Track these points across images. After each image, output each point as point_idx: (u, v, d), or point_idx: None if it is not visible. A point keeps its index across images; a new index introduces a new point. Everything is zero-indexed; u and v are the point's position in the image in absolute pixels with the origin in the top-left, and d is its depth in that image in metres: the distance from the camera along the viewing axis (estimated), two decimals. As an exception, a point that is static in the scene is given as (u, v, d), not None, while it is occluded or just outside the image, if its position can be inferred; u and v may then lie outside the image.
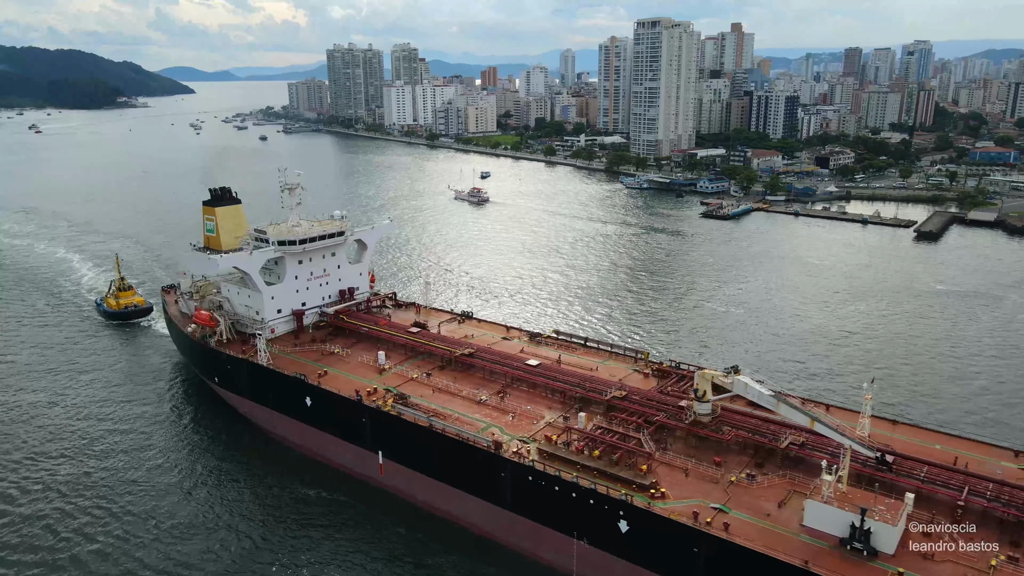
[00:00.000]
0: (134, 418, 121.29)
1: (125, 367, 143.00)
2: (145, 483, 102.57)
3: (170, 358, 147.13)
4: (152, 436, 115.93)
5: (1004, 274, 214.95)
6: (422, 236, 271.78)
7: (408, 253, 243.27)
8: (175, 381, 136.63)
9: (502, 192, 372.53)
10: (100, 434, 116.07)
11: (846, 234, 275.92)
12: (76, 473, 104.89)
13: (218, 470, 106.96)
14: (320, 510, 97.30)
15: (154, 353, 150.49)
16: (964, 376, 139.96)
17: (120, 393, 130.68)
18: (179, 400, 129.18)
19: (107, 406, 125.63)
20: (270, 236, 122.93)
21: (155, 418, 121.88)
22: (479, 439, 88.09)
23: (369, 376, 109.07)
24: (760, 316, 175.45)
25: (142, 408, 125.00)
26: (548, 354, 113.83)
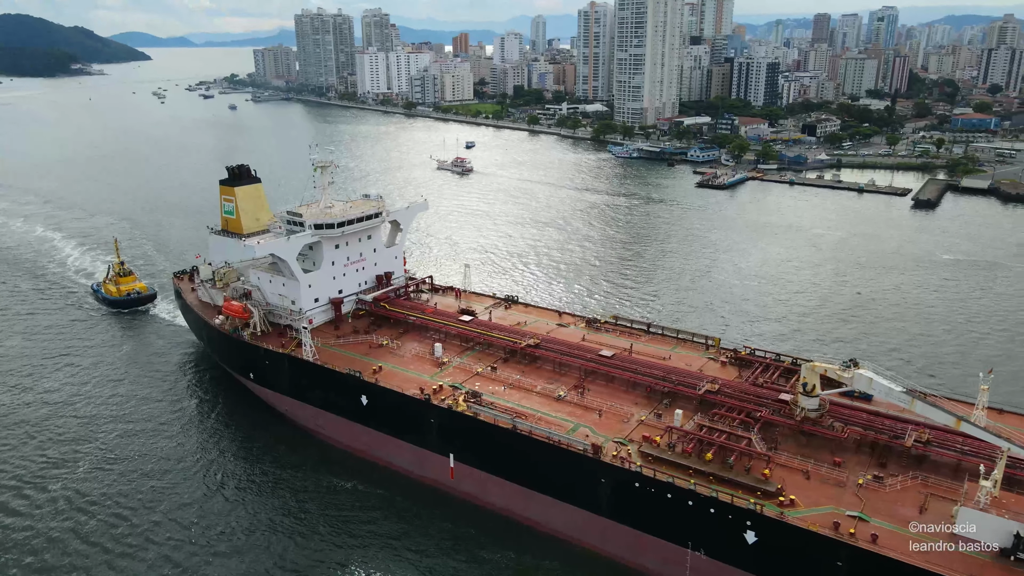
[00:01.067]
0: (157, 417, 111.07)
1: (137, 360, 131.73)
2: (187, 495, 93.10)
3: (186, 349, 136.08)
4: (181, 438, 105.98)
5: (1007, 243, 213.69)
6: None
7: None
8: (197, 375, 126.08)
9: (487, 162, 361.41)
10: (123, 435, 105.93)
11: (844, 203, 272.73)
12: (105, 481, 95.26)
13: (261, 474, 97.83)
14: (380, 514, 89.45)
15: (167, 344, 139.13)
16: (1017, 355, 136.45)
17: (137, 389, 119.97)
18: (205, 397, 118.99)
19: (125, 404, 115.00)
20: (306, 219, 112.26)
21: (181, 417, 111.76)
22: (573, 442, 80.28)
23: (428, 371, 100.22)
24: (776, 290, 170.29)
25: (165, 406, 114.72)
26: (614, 342, 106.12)
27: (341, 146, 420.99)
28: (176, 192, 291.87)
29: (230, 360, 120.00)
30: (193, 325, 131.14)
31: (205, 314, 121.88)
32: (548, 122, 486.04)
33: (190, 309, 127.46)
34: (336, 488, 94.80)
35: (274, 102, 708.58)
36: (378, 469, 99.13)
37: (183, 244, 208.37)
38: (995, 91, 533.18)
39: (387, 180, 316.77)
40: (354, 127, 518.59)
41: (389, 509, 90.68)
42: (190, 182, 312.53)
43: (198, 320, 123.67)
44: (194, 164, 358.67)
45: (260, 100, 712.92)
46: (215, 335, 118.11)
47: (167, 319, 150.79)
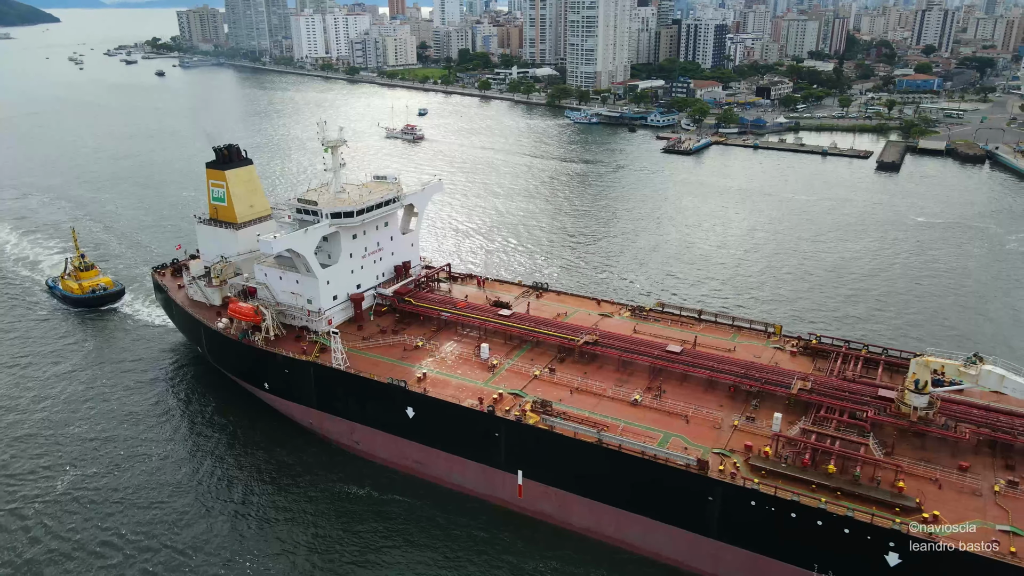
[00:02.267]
0: (152, 437, 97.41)
1: (117, 369, 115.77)
2: (204, 525, 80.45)
3: (173, 354, 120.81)
4: (185, 460, 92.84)
5: (972, 204, 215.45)
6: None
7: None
8: (191, 384, 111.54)
9: (440, 129, 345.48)
10: (114, 457, 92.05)
11: (809, 166, 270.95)
12: (103, 512, 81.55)
13: (290, 495, 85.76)
14: (440, 535, 79.53)
15: (149, 348, 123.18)
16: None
17: (123, 404, 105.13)
18: (206, 410, 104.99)
19: (109, 422, 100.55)
20: (321, 208, 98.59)
21: (181, 436, 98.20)
22: (673, 457, 71.36)
23: (479, 376, 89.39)
24: (765, 259, 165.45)
25: (159, 423, 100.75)
26: (669, 333, 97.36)
27: (284, 115, 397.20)
28: (122, 165, 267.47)
29: (237, 368, 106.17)
30: (185, 328, 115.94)
31: (202, 316, 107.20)
32: (500, 87, 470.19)
33: (180, 309, 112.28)
34: (385, 512, 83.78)
35: (204, 68, 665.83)
36: (428, 487, 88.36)
37: (141, 226, 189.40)
38: (929, 52, 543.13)
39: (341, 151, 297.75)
40: (295, 94, 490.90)
41: (447, 531, 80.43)
42: (136, 152, 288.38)
43: (192, 322, 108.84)
44: (135, 134, 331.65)
45: (189, 66, 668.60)
46: (218, 340, 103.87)
47: (143, 319, 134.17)
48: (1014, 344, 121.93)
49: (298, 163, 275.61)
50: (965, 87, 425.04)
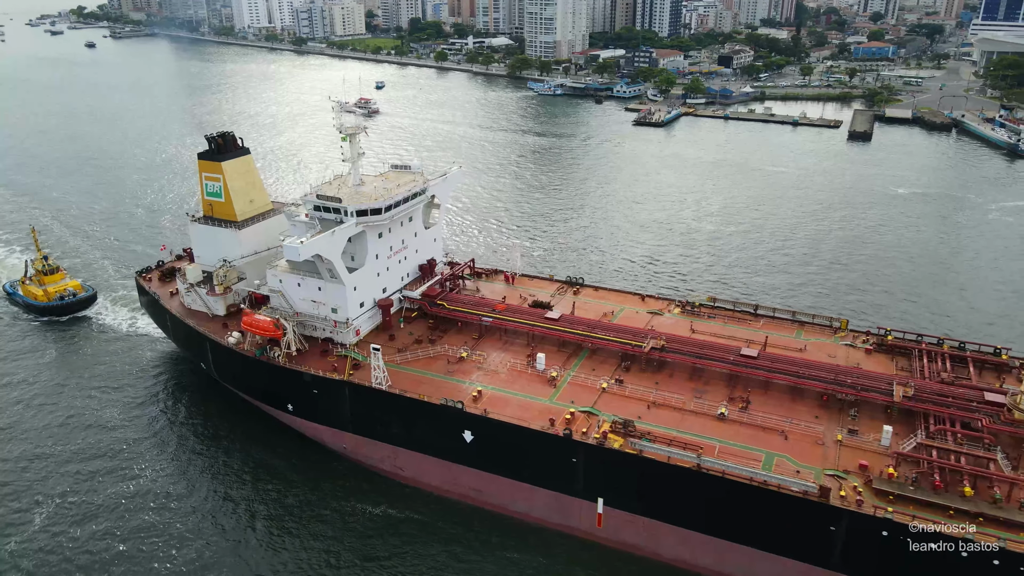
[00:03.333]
0: (157, 466, 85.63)
1: (102, 387, 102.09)
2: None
3: (166, 368, 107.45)
4: (193, 505, 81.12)
5: (947, 173, 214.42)
6: (327, 160, 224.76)
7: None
8: (194, 404, 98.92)
9: (397, 103, 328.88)
10: (107, 499, 79.55)
11: (782, 137, 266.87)
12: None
13: (326, 530, 75.41)
14: (511, 570, 70.32)
15: (135, 362, 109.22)
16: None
17: (112, 430, 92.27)
18: (219, 434, 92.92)
19: (98, 454, 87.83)
20: (346, 205, 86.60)
21: (190, 472, 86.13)
22: (788, 483, 63.54)
23: (540, 391, 79.90)
24: (756, 237, 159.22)
25: (161, 450, 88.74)
26: (734, 333, 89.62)
27: (230, 90, 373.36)
28: (68, 151, 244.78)
29: (252, 388, 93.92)
30: (184, 341, 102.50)
31: (207, 329, 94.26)
32: (456, 58, 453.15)
33: (178, 322, 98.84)
34: (442, 540, 74.08)
35: (138, 38, 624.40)
36: (484, 516, 78.90)
37: (103, 219, 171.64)
38: (877, 19, 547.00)
39: (289, 127, 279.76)
40: (239, 67, 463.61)
41: (521, 568, 71.45)
42: (82, 135, 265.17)
43: (194, 337, 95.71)
44: (75, 113, 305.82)
45: (120, 36, 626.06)
46: (228, 357, 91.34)
47: (122, 327, 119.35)
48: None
49: (254, 141, 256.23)
50: (917, 54, 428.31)
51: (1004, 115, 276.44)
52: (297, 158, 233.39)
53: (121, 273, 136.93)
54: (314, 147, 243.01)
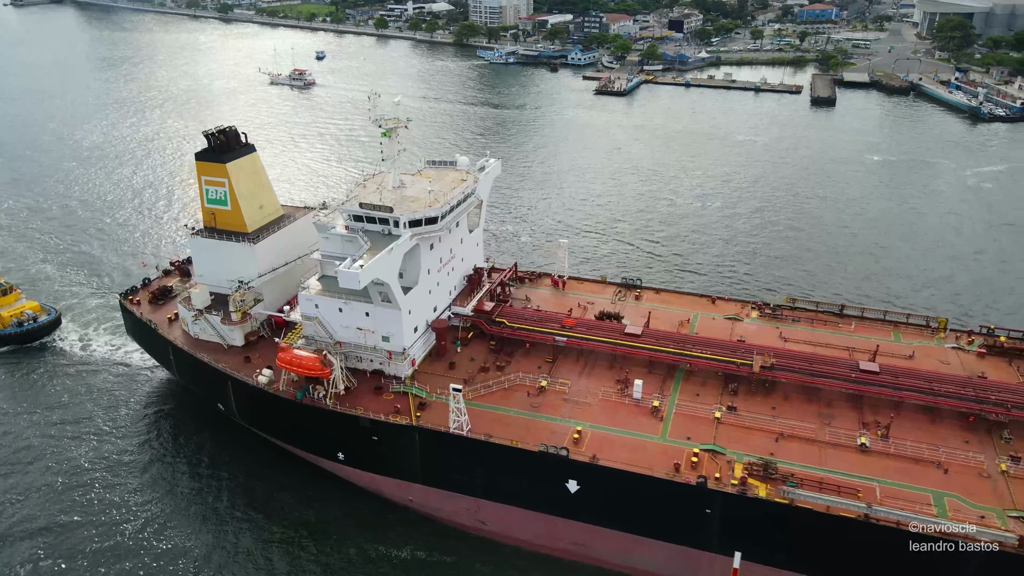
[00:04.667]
0: (180, 548, 70.59)
1: (85, 431, 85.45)
2: None
3: (164, 406, 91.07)
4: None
5: (917, 138, 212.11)
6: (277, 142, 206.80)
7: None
8: (217, 457, 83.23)
9: (336, 74, 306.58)
10: None
11: (746, 104, 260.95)
12: None
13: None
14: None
15: (122, 398, 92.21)
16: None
17: (110, 491, 76.69)
18: (256, 501, 78.06)
19: (101, 524, 72.40)
20: (399, 215, 72.44)
21: (225, 533, 71.98)
22: (980, 534, 54.77)
23: (647, 426, 68.86)
24: (744, 215, 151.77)
25: (182, 527, 73.74)
26: (831, 339, 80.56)
27: (151, 64, 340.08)
28: None
29: (290, 433, 79.22)
30: (192, 378, 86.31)
31: (226, 365, 78.80)
32: (398, 25, 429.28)
33: (184, 355, 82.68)
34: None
35: (42, 6, 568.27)
36: (593, 572, 67.97)
37: (45, 221, 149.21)
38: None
39: (214, 103, 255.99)
40: (159, 36, 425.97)
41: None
42: None
43: (211, 375, 79.96)
44: None
45: (22, 4, 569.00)
46: (258, 399, 76.39)
47: (97, 354, 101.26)
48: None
49: (193, 119, 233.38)
50: (858, 16, 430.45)
51: (959, 77, 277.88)
52: (259, 136, 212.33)
53: (84, 288, 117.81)
54: (264, 128, 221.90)
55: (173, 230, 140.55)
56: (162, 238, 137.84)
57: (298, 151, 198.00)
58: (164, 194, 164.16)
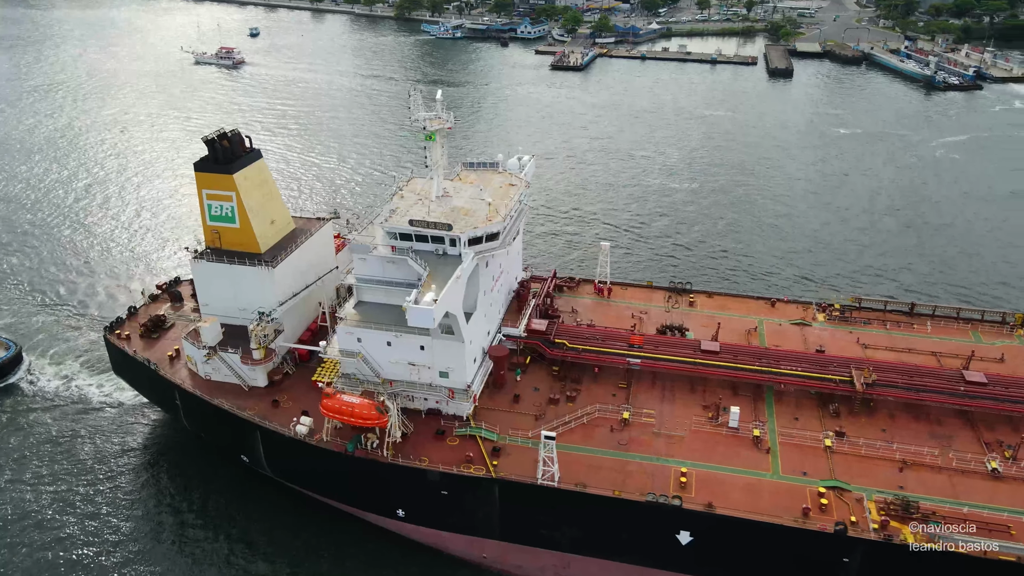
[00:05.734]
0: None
1: (77, 496, 72.47)
2: None
3: (172, 455, 78.44)
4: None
5: (877, 110, 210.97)
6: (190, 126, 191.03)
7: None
8: (236, 507, 71.75)
9: (268, 53, 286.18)
10: None
11: (704, 77, 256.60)
12: None
13: None
14: None
15: (114, 447, 78.97)
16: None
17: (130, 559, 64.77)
18: (291, 558, 67.30)
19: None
20: (459, 234, 62.10)
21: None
22: None
23: (751, 460, 61.40)
24: (724, 198, 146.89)
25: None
26: (914, 343, 75.06)
27: (44, 44, 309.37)
28: None
29: (337, 489, 68.15)
30: (205, 426, 73.95)
31: (253, 413, 67.18)
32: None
33: (195, 401, 70.37)
34: None
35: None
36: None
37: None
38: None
39: (172, 89, 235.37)
40: (69, 12, 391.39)
41: None
42: None
43: (235, 425, 68.07)
44: None
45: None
46: (295, 452, 65.24)
47: (70, 395, 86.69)
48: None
49: (115, 108, 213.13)
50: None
51: (909, 46, 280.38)
52: (191, 123, 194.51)
53: (47, 316, 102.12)
54: (195, 115, 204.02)
55: (150, 246, 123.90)
56: (134, 253, 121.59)
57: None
58: (110, 195, 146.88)
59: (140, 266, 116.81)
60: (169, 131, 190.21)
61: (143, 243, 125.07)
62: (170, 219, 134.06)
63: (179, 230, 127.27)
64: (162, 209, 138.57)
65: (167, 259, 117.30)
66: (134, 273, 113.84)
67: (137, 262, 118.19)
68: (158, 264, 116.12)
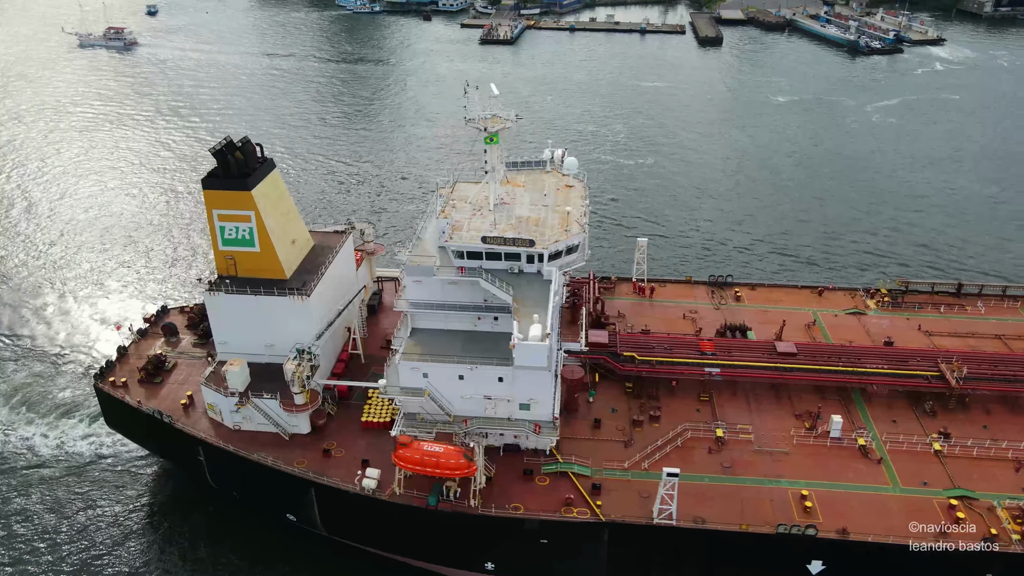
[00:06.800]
0: None
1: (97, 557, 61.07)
2: None
3: (201, 534, 66.85)
4: None
5: (809, 77, 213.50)
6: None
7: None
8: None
9: (163, 33, 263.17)
10: None
11: (636, 48, 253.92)
12: None
13: None
14: None
15: (114, 521, 67.05)
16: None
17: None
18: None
19: None
20: (541, 249, 54.32)
21: None
22: None
23: (865, 474, 57.51)
24: (685, 169, 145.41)
25: None
26: (975, 327, 73.07)
27: None
28: None
29: (414, 546, 59.22)
30: (238, 483, 63.21)
31: (302, 467, 57.62)
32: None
33: (226, 457, 59.87)
34: None
35: None
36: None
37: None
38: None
39: (55, 80, 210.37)
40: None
41: None
42: None
43: (278, 480, 58.23)
44: None
45: None
46: (360, 508, 56.30)
47: (51, 454, 73.45)
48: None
49: None
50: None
51: (828, 11, 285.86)
52: (77, 119, 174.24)
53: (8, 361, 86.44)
54: (81, 104, 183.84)
55: (105, 266, 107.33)
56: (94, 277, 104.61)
57: (142, 133, 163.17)
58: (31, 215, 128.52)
59: (108, 291, 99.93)
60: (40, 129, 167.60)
61: (101, 265, 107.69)
62: (105, 231, 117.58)
63: (132, 248, 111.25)
64: (90, 221, 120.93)
65: (141, 282, 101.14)
66: (101, 303, 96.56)
67: (96, 285, 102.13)
68: (129, 289, 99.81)
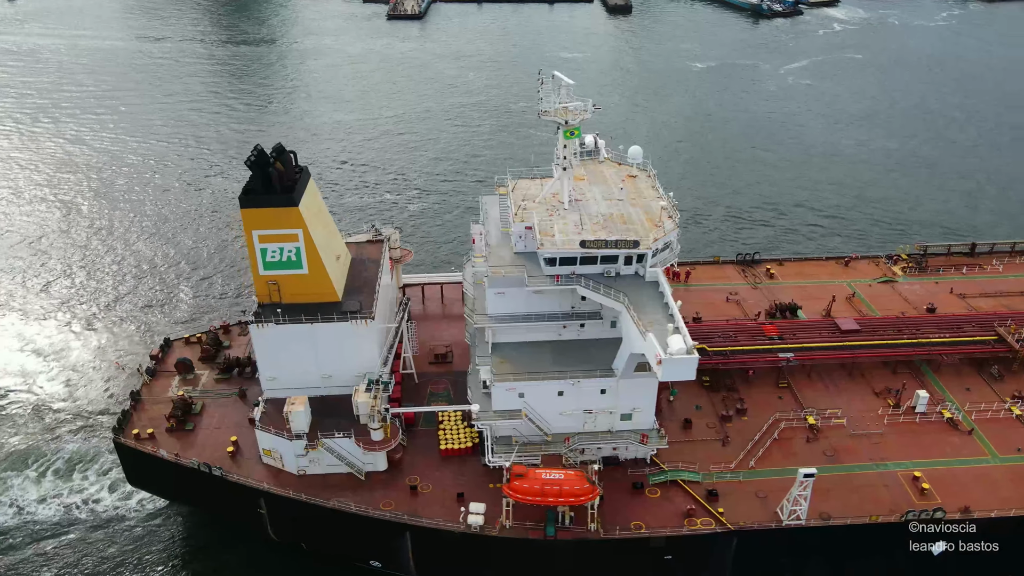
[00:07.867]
0: None
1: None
2: None
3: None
4: None
5: (721, 42, 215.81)
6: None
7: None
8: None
9: (27, 19, 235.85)
10: None
11: (546, 19, 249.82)
12: None
13: None
14: None
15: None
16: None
17: None
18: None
19: None
20: (645, 249, 50.04)
21: None
22: None
23: (962, 447, 57.85)
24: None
25: None
26: (997, 285, 75.40)
27: None
28: None
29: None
30: (310, 534, 55.25)
31: (387, 507, 51.31)
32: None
33: (287, 506, 52.44)
34: None
35: None
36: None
37: None
38: None
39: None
40: None
41: None
42: None
43: (362, 526, 51.49)
44: None
45: None
46: (474, 547, 50.72)
47: (67, 517, 62.94)
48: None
49: None
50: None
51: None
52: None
53: None
54: None
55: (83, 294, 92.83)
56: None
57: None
58: None
59: (97, 330, 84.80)
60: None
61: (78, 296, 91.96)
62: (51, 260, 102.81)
63: (97, 273, 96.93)
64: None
65: (131, 318, 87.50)
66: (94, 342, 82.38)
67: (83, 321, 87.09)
68: (120, 322, 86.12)
